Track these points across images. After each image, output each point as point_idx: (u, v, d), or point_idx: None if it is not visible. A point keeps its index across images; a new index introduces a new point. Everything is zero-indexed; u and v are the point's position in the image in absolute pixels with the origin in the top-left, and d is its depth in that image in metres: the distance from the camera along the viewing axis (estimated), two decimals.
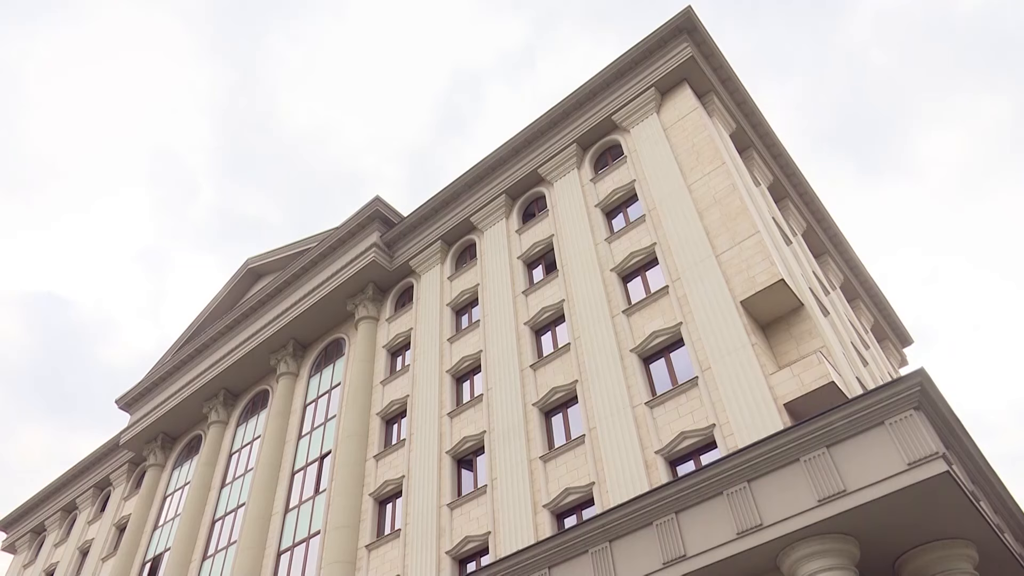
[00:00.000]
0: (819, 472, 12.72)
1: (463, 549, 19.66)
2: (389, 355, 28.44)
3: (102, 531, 36.72)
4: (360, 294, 30.55)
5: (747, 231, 19.54)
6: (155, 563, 31.42)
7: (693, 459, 16.95)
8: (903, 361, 35.46)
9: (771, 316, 18.82)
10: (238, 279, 36.45)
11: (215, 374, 33.84)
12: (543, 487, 18.96)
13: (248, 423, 33.05)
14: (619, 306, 21.06)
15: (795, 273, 20.90)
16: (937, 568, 12.74)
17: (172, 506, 33.51)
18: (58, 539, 40.50)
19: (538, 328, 23.44)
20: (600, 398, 19.28)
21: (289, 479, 27.88)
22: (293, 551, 25.13)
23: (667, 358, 19.23)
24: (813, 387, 15.94)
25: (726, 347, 17.57)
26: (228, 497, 30.46)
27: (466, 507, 20.53)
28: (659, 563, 13.71)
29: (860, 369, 21.84)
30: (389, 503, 23.53)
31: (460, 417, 23.07)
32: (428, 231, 30.11)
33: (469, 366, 24.47)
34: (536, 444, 20.08)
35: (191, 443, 35.87)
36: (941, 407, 13.21)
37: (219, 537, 29.13)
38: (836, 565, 12.37)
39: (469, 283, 27.18)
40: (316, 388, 30.68)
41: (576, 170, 26.42)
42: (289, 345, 32.12)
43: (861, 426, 12.70)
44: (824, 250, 30.25)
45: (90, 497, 40.35)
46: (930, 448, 11.79)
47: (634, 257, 21.85)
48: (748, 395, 16.41)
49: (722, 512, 13.48)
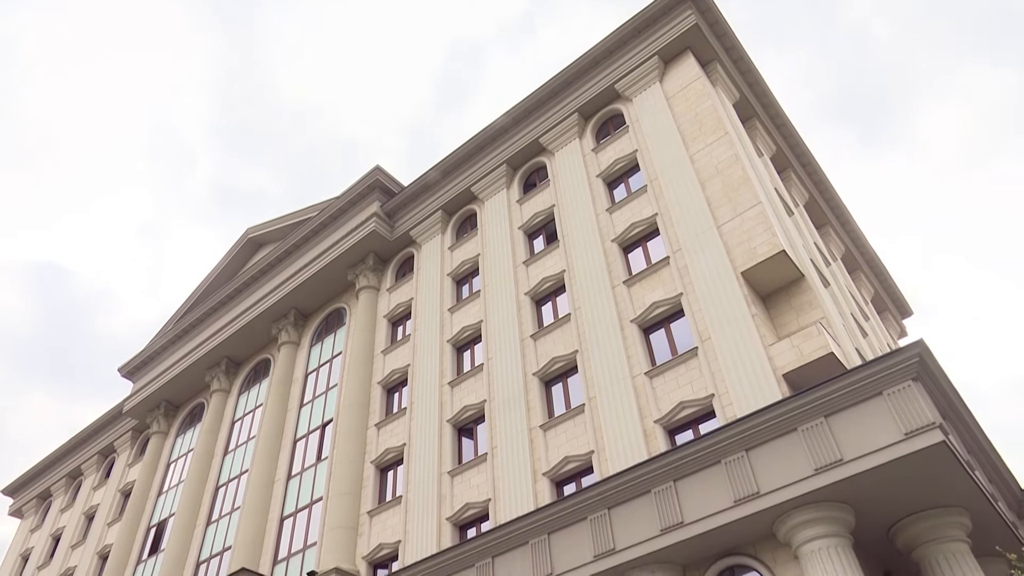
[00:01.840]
0: (816, 441, 12.85)
1: (464, 515, 19.93)
2: (390, 325, 28.54)
3: (107, 497, 37.20)
4: (361, 264, 30.55)
5: (749, 202, 19.46)
6: (160, 528, 31.89)
7: (692, 428, 17.10)
8: (902, 332, 35.57)
9: (772, 287, 18.84)
10: (238, 249, 36.42)
11: (217, 343, 34.00)
12: (543, 455, 19.16)
13: (250, 391, 33.28)
14: (620, 277, 21.07)
15: (796, 244, 20.88)
16: (931, 535, 12.94)
17: (176, 472, 33.90)
18: (64, 504, 41.06)
19: (538, 298, 23.48)
20: (600, 368, 19.38)
21: (291, 446, 28.16)
22: (296, 517, 25.49)
23: (667, 328, 19.29)
24: (812, 358, 16.01)
25: (726, 318, 17.62)
26: (231, 464, 30.80)
27: (467, 474, 20.77)
28: (657, 530, 13.93)
29: (859, 340, 21.92)
30: (390, 470, 23.80)
31: (461, 386, 23.23)
32: (429, 201, 30.00)
33: (469, 336, 24.57)
34: (536, 413, 20.24)
35: (194, 411, 36.17)
36: (939, 378, 13.29)
37: (222, 503, 29.52)
38: (831, 532, 12.56)
39: (470, 253, 27.16)
40: (317, 357, 30.84)
41: (577, 140, 26.23)
42: (290, 314, 32.21)
43: (859, 396, 12.80)
44: (826, 221, 30.17)
45: (95, 463, 40.82)
46: (927, 418, 11.90)
47: (635, 228, 21.80)
48: (747, 365, 16.50)
49: (720, 480, 13.65)
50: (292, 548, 24.57)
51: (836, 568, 12.11)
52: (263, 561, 24.80)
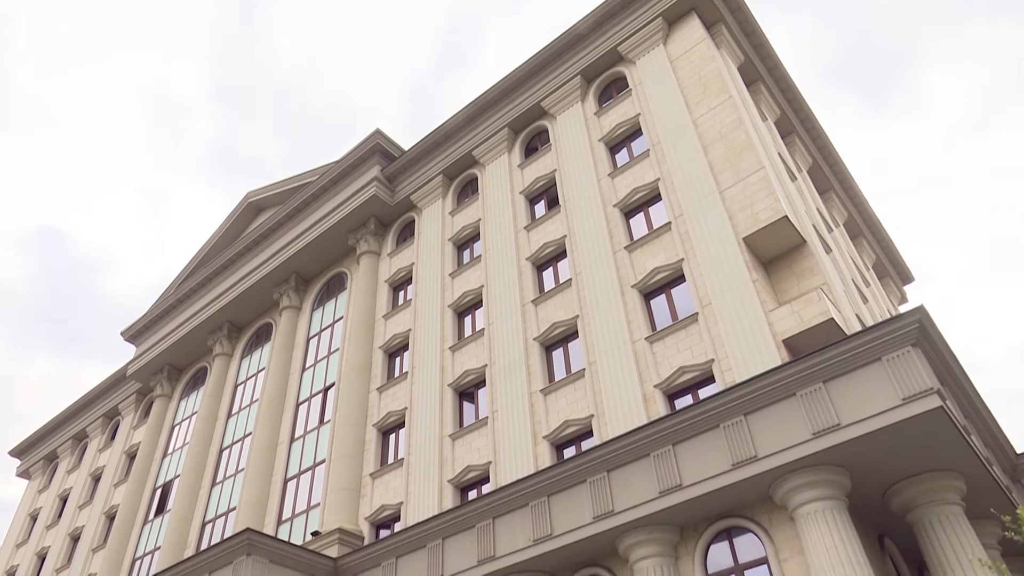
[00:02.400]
0: (815, 406, 12.95)
1: (464, 478, 20.19)
2: (391, 289, 28.57)
3: (113, 458, 37.69)
4: (361, 228, 30.46)
5: (752, 167, 19.32)
6: (166, 489, 32.36)
7: (691, 393, 17.22)
8: (903, 299, 35.61)
9: (773, 253, 18.80)
10: (239, 213, 36.31)
11: (218, 307, 34.10)
12: (543, 419, 19.33)
13: (252, 355, 33.48)
14: (621, 242, 21.02)
15: (799, 210, 20.77)
16: (925, 499, 13.11)
17: (180, 435, 34.28)
18: (70, 466, 41.61)
19: (540, 263, 23.46)
20: (600, 333, 19.45)
21: (294, 410, 28.42)
22: (299, 478, 25.84)
23: (668, 294, 19.31)
24: (812, 323, 16.05)
25: (727, 283, 17.62)
26: (235, 427, 31.13)
27: (467, 438, 20.99)
28: (655, 492, 14.12)
29: (860, 306, 21.95)
30: (392, 433, 24.05)
31: (462, 351, 23.34)
32: (429, 165, 29.79)
33: (471, 301, 24.61)
34: (537, 377, 20.38)
35: (197, 374, 36.43)
36: (938, 344, 13.34)
37: (227, 465, 29.91)
38: (827, 496, 12.73)
39: (471, 218, 27.06)
40: (319, 322, 30.95)
41: (580, 103, 25.93)
42: (291, 279, 32.23)
43: (858, 362, 12.86)
44: (829, 186, 29.98)
45: (100, 426, 41.25)
46: (925, 384, 11.97)
47: (637, 193, 21.68)
48: (747, 331, 16.54)
49: (718, 444, 13.79)
50: (296, 509, 24.95)
51: (831, 530, 12.30)
52: (267, 521, 25.22)
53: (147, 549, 30.41)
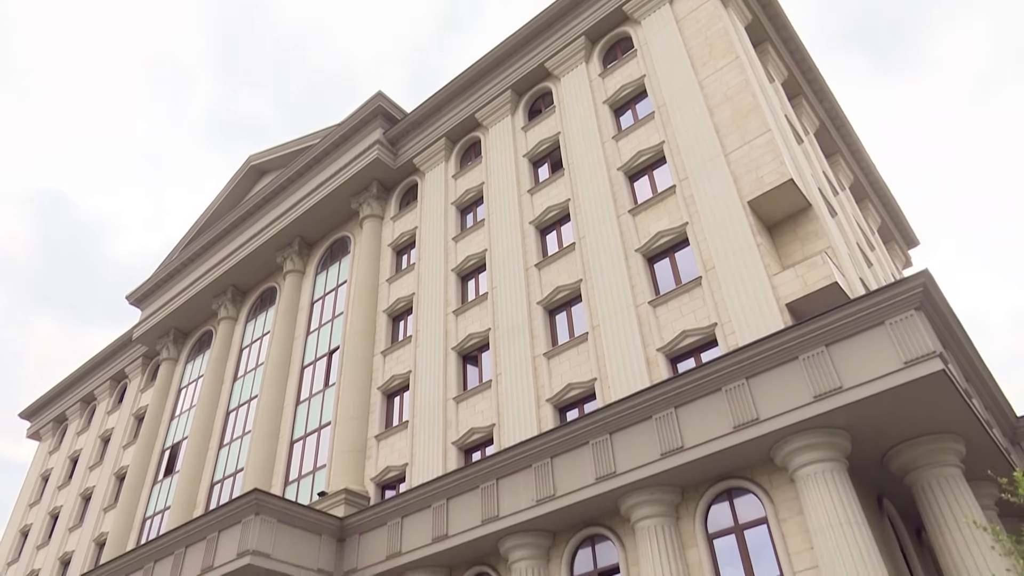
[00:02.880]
0: (817, 370, 13.00)
1: (468, 440, 20.43)
2: (394, 253, 28.55)
3: (121, 421, 38.16)
4: (364, 192, 30.33)
5: (758, 129, 19.10)
6: (174, 450, 32.83)
7: (694, 357, 17.29)
8: (907, 263, 35.50)
9: (778, 216, 18.70)
10: (241, 176, 36.14)
11: (222, 271, 34.15)
12: (546, 382, 19.47)
13: (257, 319, 33.64)
14: (625, 206, 20.91)
15: (804, 173, 20.59)
16: (925, 461, 13.24)
17: (187, 398, 34.64)
18: (80, 428, 42.16)
19: (543, 227, 23.38)
20: (604, 297, 19.47)
21: (299, 373, 28.64)
22: (305, 440, 26.16)
23: (671, 258, 19.27)
24: (816, 287, 16.03)
25: (731, 247, 17.56)
26: (241, 390, 31.43)
27: (471, 401, 21.17)
28: (657, 454, 14.28)
29: (864, 270, 21.90)
30: (397, 396, 24.26)
31: (465, 315, 23.41)
32: (432, 128, 29.52)
33: (474, 265, 24.60)
34: (540, 341, 20.46)
35: (202, 338, 36.66)
36: (942, 308, 13.34)
37: (234, 427, 30.27)
38: (827, 457, 12.86)
39: (474, 181, 26.90)
40: (323, 286, 31.02)
41: (584, 64, 25.56)
42: (295, 243, 32.22)
43: (861, 326, 12.88)
44: (836, 150, 29.66)
45: (108, 389, 41.68)
46: (927, 347, 11.99)
47: (642, 156, 21.49)
48: (751, 295, 16.54)
49: (720, 407, 13.90)
50: (303, 470, 25.32)
51: (831, 491, 12.46)
52: (275, 482, 25.62)
53: (157, 509, 30.97)
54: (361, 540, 18.69)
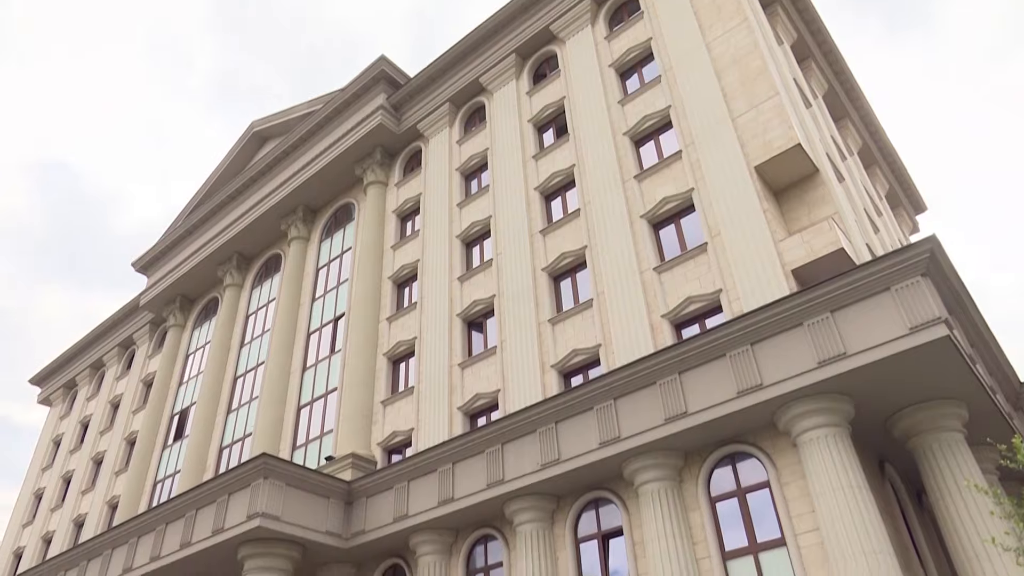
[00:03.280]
0: (821, 335, 13.01)
1: (474, 405, 20.60)
2: (399, 220, 28.48)
3: (130, 387, 38.56)
4: (368, 158, 30.15)
5: (766, 93, 18.84)
6: (183, 416, 33.22)
7: (698, 323, 17.31)
8: (915, 228, 35.27)
9: (785, 182, 18.54)
10: (244, 143, 35.95)
11: (227, 238, 34.17)
12: (551, 348, 19.55)
13: (262, 286, 33.74)
14: (630, 171, 20.75)
15: (812, 138, 20.35)
16: (927, 426, 13.31)
17: (195, 364, 34.94)
18: (89, 394, 42.63)
19: (548, 193, 23.25)
20: (609, 263, 19.44)
21: (305, 339, 28.81)
22: (312, 406, 26.42)
23: (677, 224, 19.18)
24: (822, 253, 15.96)
25: (737, 213, 17.46)
26: (247, 356, 31.66)
27: (476, 366, 21.30)
28: (661, 419, 14.38)
29: (871, 236, 21.77)
30: (402, 362, 24.41)
31: (470, 281, 23.43)
32: (436, 93, 29.20)
33: (478, 231, 24.54)
34: (544, 308, 20.50)
35: (208, 305, 36.83)
36: (948, 273, 13.29)
37: (241, 393, 30.57)
38: (830, 422, 12.94)
39: (478, 147, 26.69)
40: (327, 252, 31.02)
41: (590, 27, 25.14)
42: (299, 210, 32.15)
43: (867, 292, 12.85)
44: (844, 113, 29.27)
45: (116, 355, 42.04)
46: (933, 313, 11.97)
47: (648, 120, 21.25)
48: (756, 261, 16.48)
49: (724, 373, 13.96)
50: (310, 435, 25.62)
51: (833, 456, 12.56)
52: (283, 446, 25.95)
53: (167, 472, 31.45)
54: (368, 503, 18.98)
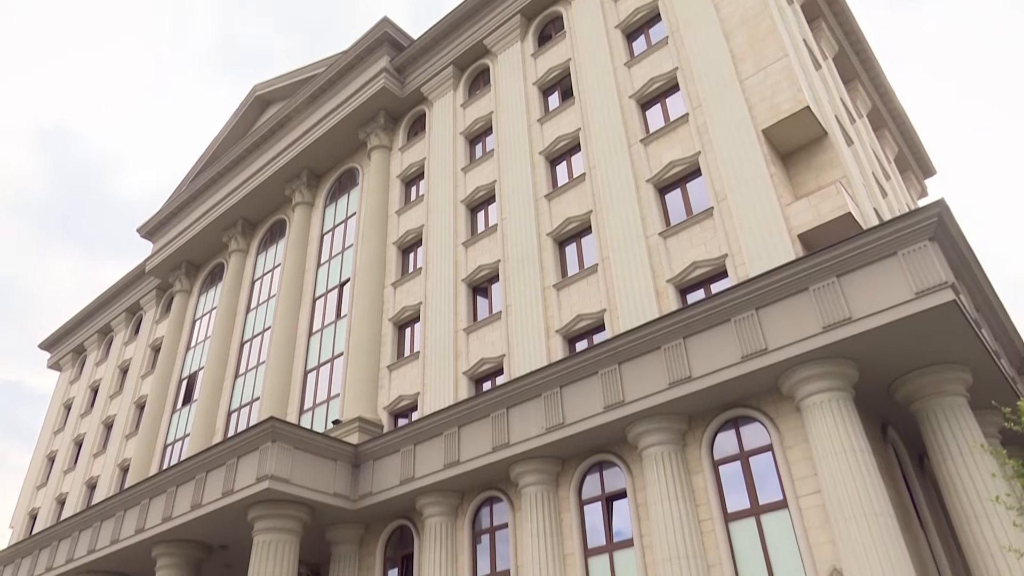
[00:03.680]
0: (827, 300, 13.00)
1: (479, 370, 20.73)
2: (403, 185, 28.34)
3: (138, 352, 38.88)
4: (372, 122, 29.90)
5: (775, 55, 18.52)
6: (191, 380, 33.55)
7: (703, 288, 17.30)
8: (923, 192, 34.95)
9: (793, 145, 18.33)
10: (246, 107, 35.65)
11: (231, 204, 34.10)
12: (556, 313, 19.59)
13: (267, 252, 33.77)
14: (637, 135, 20.54)
15: (821, 100, 20.06)
16: (931, 390, 13.36)
17: (202, 329, 35.16)
18: (98, 359, 43.03)
19: (553, 158, 23.07)
20: (614, 228, 19.36)
21: (311, 305, 28.92)
22: (319, 370, 26.63)
23: (683, 188, 19.04)
24: (829, 218, 15.85)
25: (744, 177, 17.31)
26: (254, 321, 31.84)
27: (481, 332, 21.38)
28: (665, 383, 14.47)
29: (879, 200, 21.59)
30: (408, 327, 24.52)
31: (475, 246, 23.39)
32: (439, 55, 28.81)
33: (483, 196, 24.42)
34: (549, 273, 20.48)
35: (214, 270, 36.93)
36: (956, 238, 13.21)
37: (248, 357, 30.81)
38: (834, 387, 12.99)
39: (483, 111, 26.41)
40: (332, 218, 30.96)
41: None
42: (303, 175, 32.01)
43: (873, 256, 12.80)
44: (855, 75, 28.80)
45: (124, 320, 42.32)
46: (940, 278, 11.93)
47: (654, 83, 20.96)
48: (763, 226, 16.39)
49: (728, 337, 13.99)
50: (317, 399, 25.88)
51: (836, 420, 12.64)
52: (290, 410, 26.23)
53: (177, 436, 31.89)
54: (375, 466, 19.23)
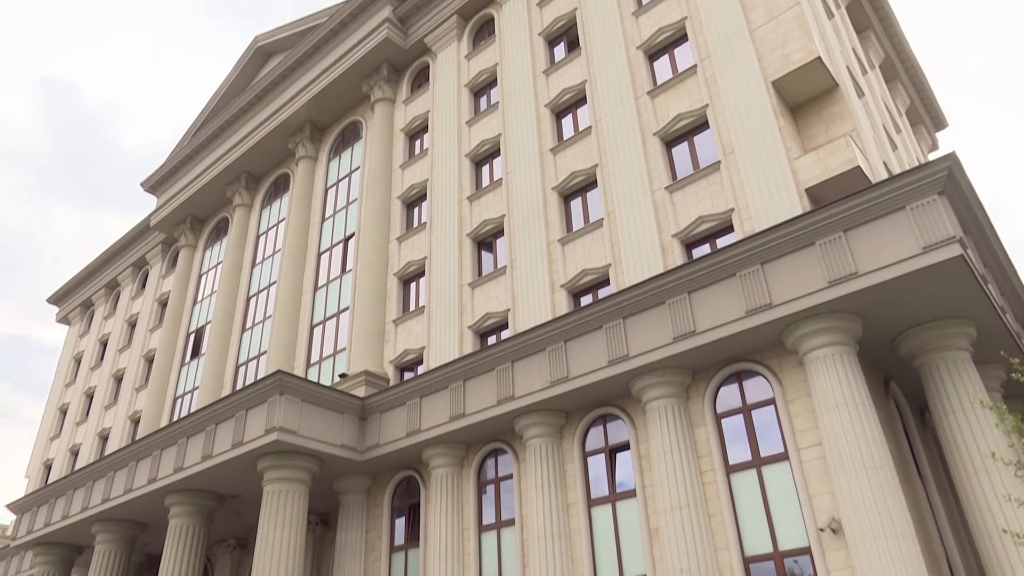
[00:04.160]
0: (833, 255, 12.95)
1: (484, 324, 20.83)
2: (407, 138, 28.07)
3: (145, 306, 39.14)
4: (375, 74, 29.46)
5: (786, 3, 18.06)
6: (199, 334, 33.84)
7: (709, 243, 17.23)
8: (934, 146, 34.47)
9: (803, 97, 18.02)
10: (248, 59, 35.13)
11: (234, 157, 33.87)
12: (561, 268, 19.59)
13: (272, 206, 33.68)
14: (644, 87, 20.21)
15: (833, 50, 19.64)
16: (934, 345, 13.40)
17: (208, 284, 35.32)
18: (106, 313, 43.37)
19: (559, 110, 22.76)
20: (620, 182, 19.21)
21: (316, 259, 28.96)
22: (325, 325, 26.81)
23: (690, 141, 18.81)
24: (838, 172, 15.68)
25: (752, 130, 17.07)
26: (260, 276, 31.94)
27: (486, 286, 21.42)
28: (669, 338, 14.54)
29: (888, 154, 21.31)
30: (413, 282, 24.58)
31: (480, 201, 23.27)
32: (443, 4, 28.18)
33: (488, 150, 24.19)
34: (554, 227, 20.41)
35: (219, 225, 36.90)
36: (966, 192, 13.08)
37: (255, 312, 31.00)
38: (838, 341, 13.04)
39: (487, 63, 25.97)
40: (336, 172, 30.77)
41: None
42: (306, 128, 31.70)
43: (881, 211, 12.70)
44: (868, 25, 28.12)
45: (130, 275, 42.51)
46: (947, 232, 11.85)
47: (662, 33, 20.53)
48: (770, 180, 16.23)
49: (733, 292, 13.99)
50: (323, 353, 26.11)
51: (839, 374, 12.71)
52: (297, 364, 26.50)
53: (186, 389, 32.31)
54: (382, 418, 19.51)
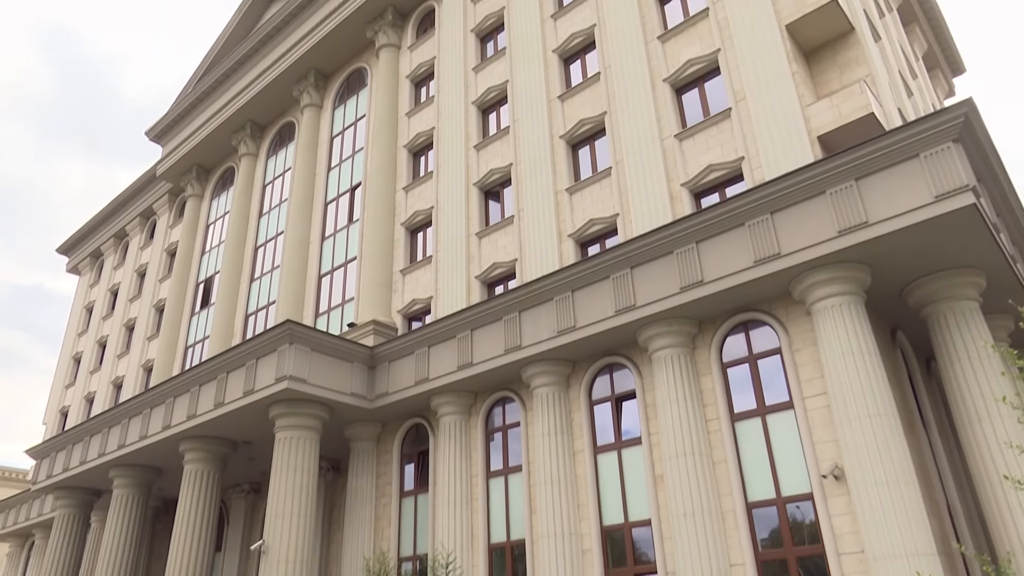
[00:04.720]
0: (844, 204, 12.81)
1: (491, 274, 20.85)
2: (413, 86, 27.62)
3: (154, 256, 39.30)
4: (379, 19, 28.84)
5: None
6: (208, 284, 34.03)
7: (718, 192, 17.06)
8: (950, 92, 33.72)
9: (817, 41, 17.58)
10: (250, 2, 34.41)
11: (239, 106, 33.48)
12: (568, 217, 19.47)
13: (278, 155, 33.42)
14: (654, 31, 19.73)
15: None
16: (943, 294, 13.35)
17: (215, 234, 35.34)
18: (116, 263, 43.59)
19: (567, 56, 22.30)
20: (628, 131, 18.93)
21: (323, 209, 28.87)
22: (332, 275, 26.89)
23: (701, 88, 18.45)
24: (851, 119, 15.39)
25: (764, 76, 16.70)
26: (267, 225, 31.92)
27: (494, 236, 21.36)
28: (677, 288, 14.52)
29: (903, 100, 20.87)
30: (420, 232, 24.52)
31: (487, 149, 23.02)
32: None
33: (495, 97, 23.81)
34: (562, 176, 20.22)
35: (225, 174, 36.72)
36: (982, 139, 12.83)
37: (263, 262, 31.09)
38: (846, 291, 13.00)
39: (494, 6, 25.34)
40: (341, 120, 30.41)
41: None
42: (310, 75, 31.21)
43: (894, 159, 12.50)
44: None
45: (138, 225, 42.56)
46: (961, 180, 11.68)
47: None
48: (781, 127, 15.96)
49: (742, 242, 13.91)
50: (332, 303, 26.26)
51: (846, 323, 12.71)
52: (306, 314, 26.69)
53: (197, 338, 32.66)
54: (391, 367, 19.71)
